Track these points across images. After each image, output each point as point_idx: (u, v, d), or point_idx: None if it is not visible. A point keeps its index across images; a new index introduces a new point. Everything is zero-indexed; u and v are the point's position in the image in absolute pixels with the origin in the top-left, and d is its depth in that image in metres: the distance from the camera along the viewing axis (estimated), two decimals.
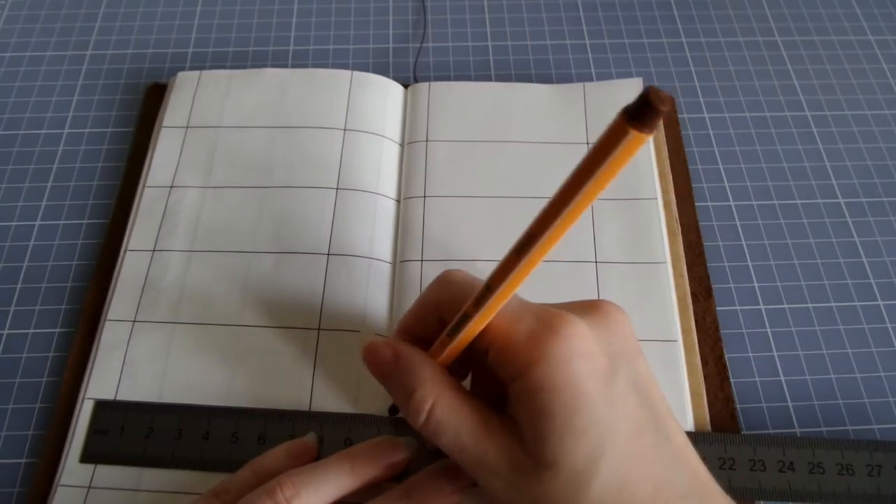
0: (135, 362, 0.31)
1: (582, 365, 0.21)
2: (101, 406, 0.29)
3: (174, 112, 0.38)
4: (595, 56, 0.43)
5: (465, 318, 0.22)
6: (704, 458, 0.22)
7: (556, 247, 0.35)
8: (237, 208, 0.35)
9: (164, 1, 0.46)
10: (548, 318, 0.21)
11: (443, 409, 0.23)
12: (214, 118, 0.38)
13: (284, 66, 0.42)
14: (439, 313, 0.24)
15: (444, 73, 0.42)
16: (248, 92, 0.39)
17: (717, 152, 0.39)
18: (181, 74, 0.40)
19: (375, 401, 0.30)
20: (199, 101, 0.38)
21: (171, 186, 0.35)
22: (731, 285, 0.35)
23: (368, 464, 0.26)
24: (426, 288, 0.25)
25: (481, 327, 0.22)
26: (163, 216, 0.35)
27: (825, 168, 0.39)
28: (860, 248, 0.36)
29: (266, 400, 0.30)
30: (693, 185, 0.37)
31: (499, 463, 0.22)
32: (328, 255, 0.33)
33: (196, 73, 0.39)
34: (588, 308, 0.23)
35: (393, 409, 0.29)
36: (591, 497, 0.20)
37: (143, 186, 0.36)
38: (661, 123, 0.15)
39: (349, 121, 0.37)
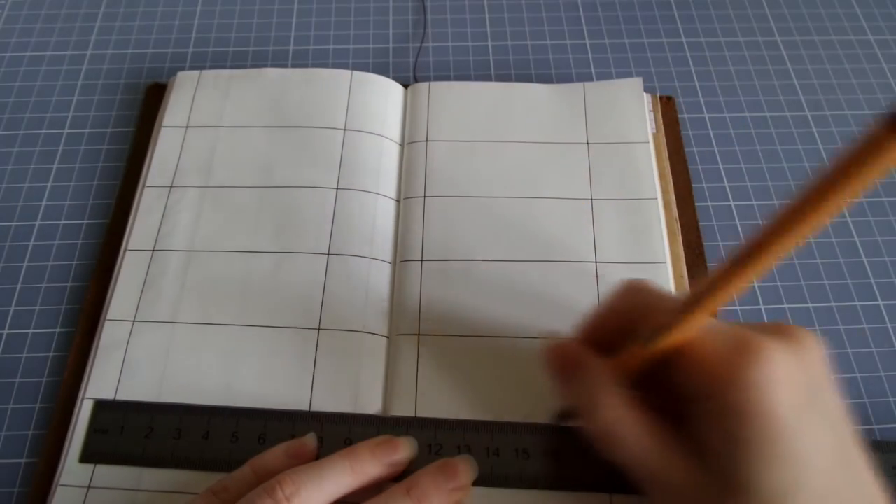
0: (134, 362, 0.31)
1: (780, 393, 0.20)
2: (101, 406, 0.29)
3: (174, 112, 0.38)
4: (595, 56, 0.43)
5: (661, 330, 0.21)
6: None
7: (560, 247, 0.35)
8: (237, 208, 0.35)
9: (164, 1, 0.46)
10: (744, 341, 0.21)
11: (624, 420, 0.22)
12: (214, 118, 0.38)
13: (284, 65, 0.42)
14: (624, 321, 0.24)
15: (444, 73, 0.42)
16: (248, 91, 0.39)
17: (717, 152, 0.39)
18: (181, 74, 0.40)
19: (375, 400, 0.30)
20: (198, 101, 0.38)
21: (171, 186, 0.35)
22: None
23: (368, 462, 0.26)
24: (611, 294, 0.25)
25: (679, 340, 0.22)
26: (162, 216, 0.35)
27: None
28: (860, 248, 0.36)
29: (266, 400, 0.30)
30: (693, 185, 0.37)
31: (678, 482, 0.22)
32: (328, 254, 0.33)
33: (196, 72, 0.39)
34: (781, 333, 0.22)
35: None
36: None
37: (143, 186, 0.36)
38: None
39: (349, 121, 0.37)
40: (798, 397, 0.21)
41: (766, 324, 0.24)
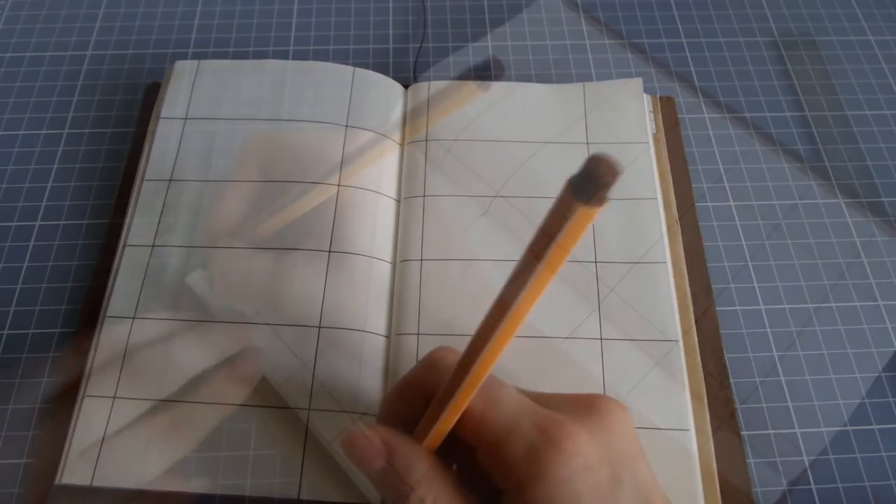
0: (135, 359, 0.30)
1: (583, 482, 0.20)
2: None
3: (172, 102, 0.37)
4: (595, 56, 0.43)
5: (447, 397, 0.21)
6: None
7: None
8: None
9: (165, 1, 0.46)
10: (549, 431, 0.21)
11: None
12: (214, 109, 0.37)
13: None
14: (425, 395, 0.23)
15: (444, 73, 0.42)
16: (249, 83, 0.38)
17: (717, 152, 0.39)
18: (178, 63, 0.39)
19: (374, 401, 0.30)
20: (197, 92, 0.38)
21: (171, 180, 0.35)
22: (731, 285, 0.35)
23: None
24: (413, 367, 0.24)
25: (463, 406, 0.21)
26: (162, 210, 0.34)
27: (825, 168, 0.39)
28: (860, 248, 0.36)
29: (265, 397, 0.30)
30: (693, 185, 0.37)
31: None
32: (329, 252, 0.33)
33: (195, 62, 0.39)
34: (586, 407, 0.22)
35: None
36: None
37: (142, 179, 0.35)
38: (608, 193, 0.14)
39: (351, 117, 0.37)
40: (603, 481, 0.20)
41: (571, 396, 0.23)
